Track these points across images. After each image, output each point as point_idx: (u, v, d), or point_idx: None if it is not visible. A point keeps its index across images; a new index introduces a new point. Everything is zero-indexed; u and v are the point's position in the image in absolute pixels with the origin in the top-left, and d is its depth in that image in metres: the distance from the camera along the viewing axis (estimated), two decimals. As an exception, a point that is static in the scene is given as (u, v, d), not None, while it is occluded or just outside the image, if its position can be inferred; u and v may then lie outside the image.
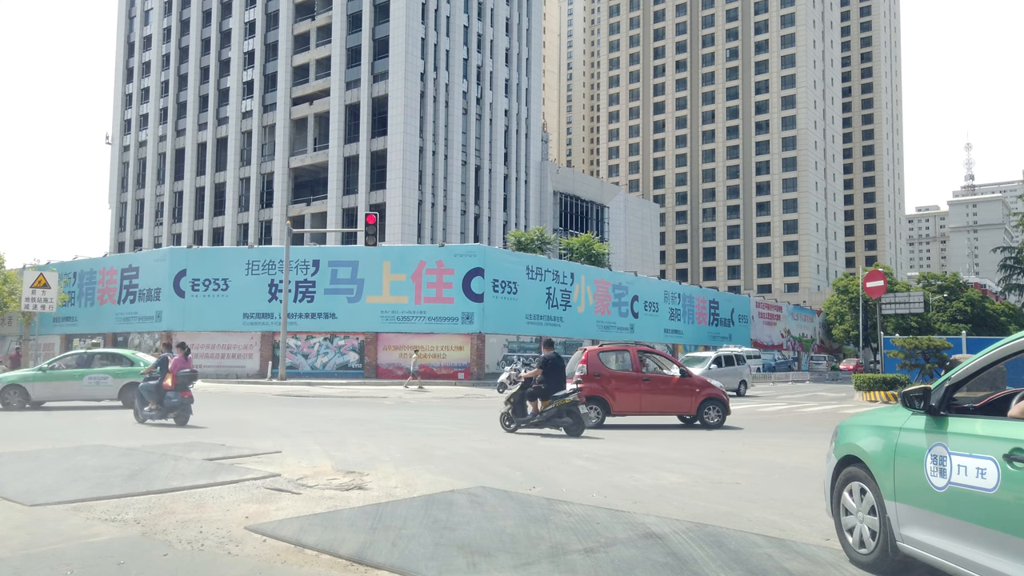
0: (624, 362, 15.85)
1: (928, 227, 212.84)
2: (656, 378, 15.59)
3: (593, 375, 15.20)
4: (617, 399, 15.08)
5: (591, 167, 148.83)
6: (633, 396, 15.15)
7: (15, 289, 38.61)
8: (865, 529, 4.64)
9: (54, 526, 5.70)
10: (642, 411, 15.35)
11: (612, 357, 15.97)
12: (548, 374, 12.99)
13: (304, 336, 35.70)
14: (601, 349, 16.08)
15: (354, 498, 6.88)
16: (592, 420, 14.74)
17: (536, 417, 12.95)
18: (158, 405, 14.01)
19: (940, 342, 26.43)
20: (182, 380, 14.04)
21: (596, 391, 15.05)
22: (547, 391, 12.91)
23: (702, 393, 15.42)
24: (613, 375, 15.38)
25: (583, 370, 15.32)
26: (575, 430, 12.72)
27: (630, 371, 15.51)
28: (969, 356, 5.02)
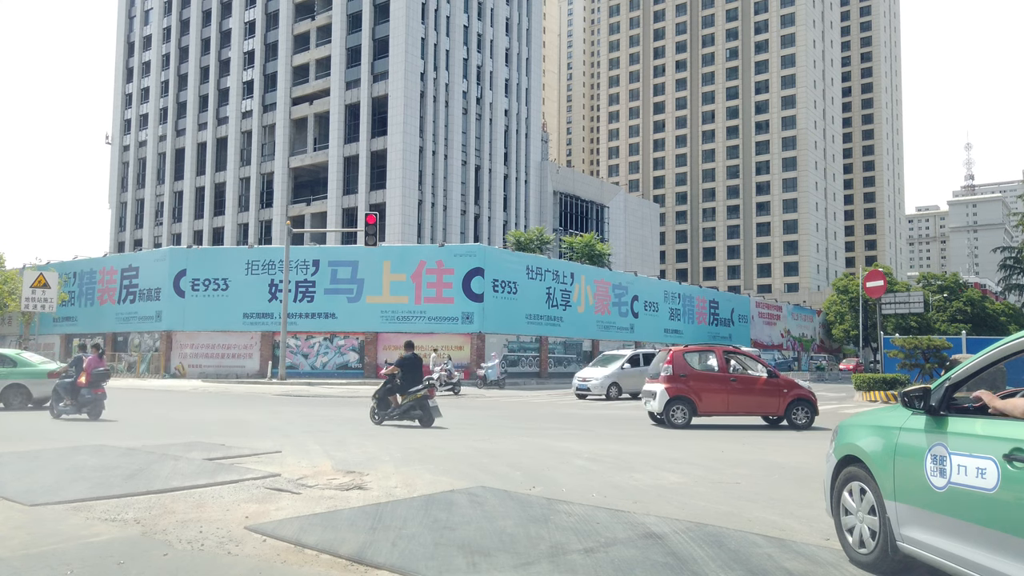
0: (710, 362, 15.83)
1: (928, 227, 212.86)
2: (743, 378, 15.49)
3: (679, 375, 15.17)
4: (704, 399, 15.04)
5: (591, 167, 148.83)
6: (720, 396, 15.11)
7: (15, 289, 38.62)
8: (865, 529, 4.64)
9: (54, 526, 5.70)
10: (729, 412, 15.29)
11: (697, 357, 15.93)
12: (405, 372, 14.25)
13: (304, 336, 35.70)
14: (686, 349, 16.02)
15: (354, 498, 6.88)
16: (678, 420, 14.85)
17: (396, 411, 14.14)
18: (72, 401, 14.95)
19: (940, 342, 26.43)
20: (95, 378, 14.92)
21: (682, 391, 15.03)
22: (404, 387, 14.19)
23: (790, 394, 15.27)
24: (699, 375, 15.34)
25: (668, 370, 15.27)
26: (426, 421, 13.97)
27: (716, 371, 15.48)
28: (969, 356, 5.02)
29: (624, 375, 25.97)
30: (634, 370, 26.10)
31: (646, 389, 16.23)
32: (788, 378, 15.99)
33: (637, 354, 26.82)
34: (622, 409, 21.51)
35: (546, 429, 14.35)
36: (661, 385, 15.31)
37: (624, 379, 25.97)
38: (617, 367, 26.06)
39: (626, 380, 25.91)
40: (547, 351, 39.49)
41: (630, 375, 25.94)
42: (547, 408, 21.19)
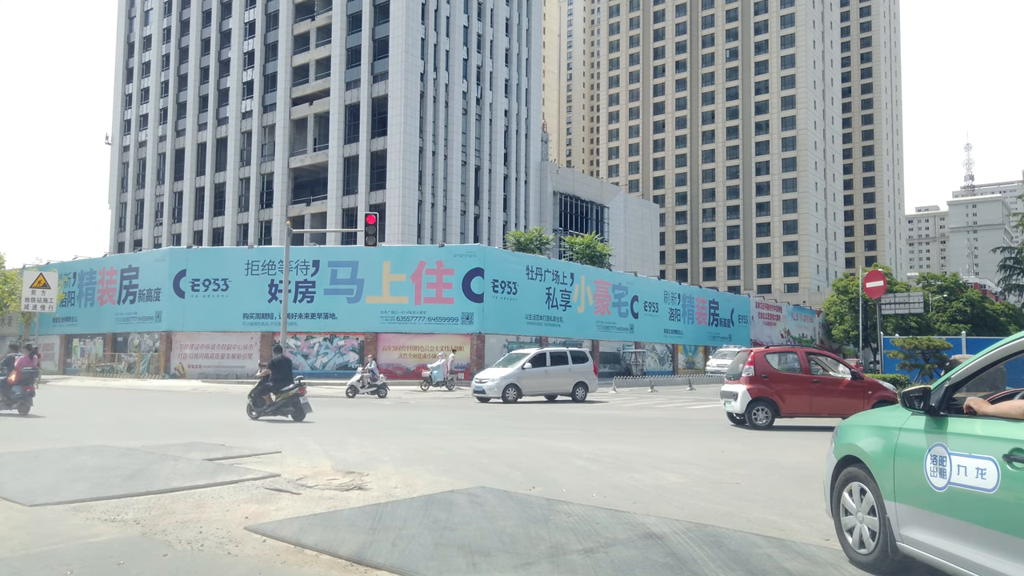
0: (792, 363, 15.71)
1: (928, 227, 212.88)
2: (826, 379, 15.37)
3: (760, 376, 15.06)
4: (786, 400, 14.92)
5: (591, 167, 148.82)
6: (803, 397, 14.99)
7: (15, 289, 38.62)
8: (865, 529, 4.64)
9: (54, 526, 5.70)
10: (812, 413, 15.17)
11: (779, 358, 15.79)
12: (276, 373, 15.54)
13: (304, 336, 35.69)
14: (768, 350, 15.91)
15: (354, 498, 6.88)
16: (760, 421, 14.79)
17: (270, 408, 15.39)
18: (4, 397, 16.10)
19: (940, 342, 26.40)
20: (24, 376, 15.99)
21: (764, 392, 14.91)
22: (276, 387, 15.44)
23: (874, 395, 15.18)
24: (782, 376, 15.24)
25: (750, 371, 15.15)
26: (298, 416, 15.30)
27: (799, 372, 15.36)
28: (969, 356, 5.02)
29: (525, 376, 23.45)
30: (537, 370, 23.70)
31: (726, 390, 15.93)
32: (872, 379, 15.93)
33: (543, 353, 24.49)
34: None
35: (545, 429, 14.34)
36: (743, 386, 15.12)
37: (525, 380, 23.44)
38: (517, 367, 23.57)
39: (527, 381, 23.49)
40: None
41: (532, 376, 23.57)
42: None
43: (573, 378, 24.12)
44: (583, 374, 24.35)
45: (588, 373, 24.58)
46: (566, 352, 24.76)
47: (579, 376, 24.21)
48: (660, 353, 48.71)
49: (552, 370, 23.80)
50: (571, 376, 24.12)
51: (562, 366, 24.09)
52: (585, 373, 24.45)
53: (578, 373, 24.23)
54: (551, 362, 23.93)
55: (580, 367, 24.41)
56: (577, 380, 24.12)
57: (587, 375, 24.51)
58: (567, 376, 24.08)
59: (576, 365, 24.35)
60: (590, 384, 24.55)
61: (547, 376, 23.68)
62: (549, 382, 23.77)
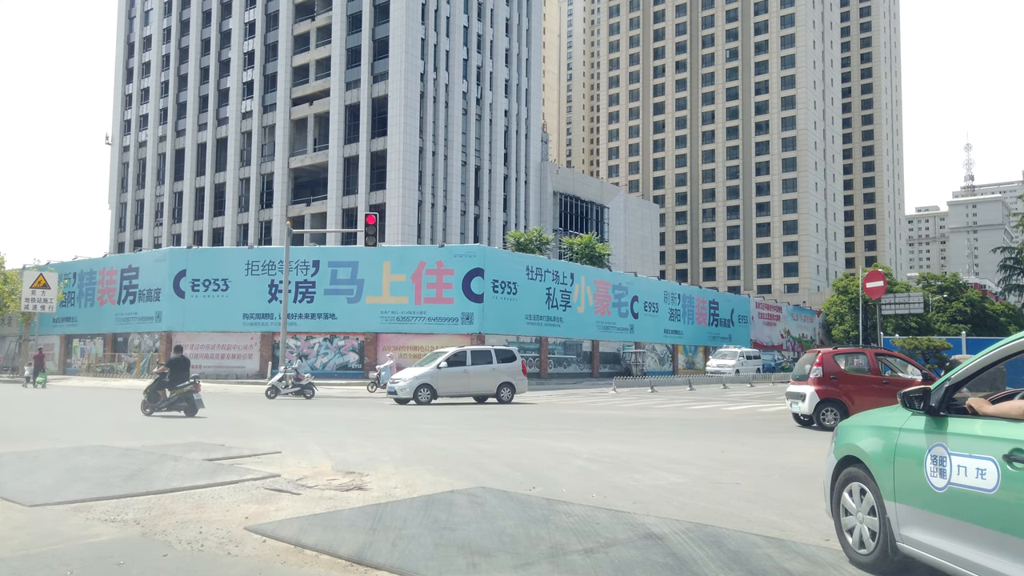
0: (861, 364, 15.50)
1: (928, 227, 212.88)
2: (896, 381, 15.14)
3: (829, 377, 14.84)
4: (856, 402, 14.72)
5: (591, 167, 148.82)
6: (872, 399, 14.65)
7: (15, 289, 38.63)
8: (865, 529, 4.64)
9: (54, 526, 5.70)
10: None
11: (847, 359, 15.58)
12: (173, 371, 16.41)
13: (304, 336, 35.70)
14: (836, 351, 15.72)
15: (354, 499, 6.88)
16: (829, 423, 14.69)
17: (164, 403, 16.21)
18: None
19: (940, 342, 26.42)
20: None
21: (832, 394, 14.73)
22: (172, 383, 16.27)
23: None
24: (851, 377, 15.05)
25: (818, 372, 14.95)
26: (191, 411, 16.12)
27: (868, 373, 15.14)
28: (969, 357, 5.02)
29: (441, 375, 22.10)
30: (455, 370, 22.35)
31: (792, 391, 15.70)
32: None
33: (462, 351, 23.10)
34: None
35: (546, 430, 14.34)
36: (811, 387, 14.91)
37: (441, 380, 22.09)
38: (433, 366, 22.32)
39: (444, 381, 22.15)
40: (547, 352, 39.50)
41: (449, 375, 22.22)
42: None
43: (498, 378, 22.87)
44: (510, 374, 23.17)
45: (516, 373, 23.43)
46: (490, 350, 23.54)
47: (505, 376, 22.99)
48: (660, 353, 48.72)
49: (473, 369, 22.56)
50: (496, 376, 22.86)
51: (485, 365, 22.82)
52: (512, 373, 23.28)
53: (504, 373, 23.01)
54: (472, 361, 22.68)
55: (506, 367, 23.19)
56: (503, 380, 22.89)
57: (514, 375, 23.35)
58: (491, 376, 22.82)
59: (502, 364, 23.14)
60: (518, 385, 23.38)
61: (467, 376, 22.44)
62: (470, 382, 22.54)
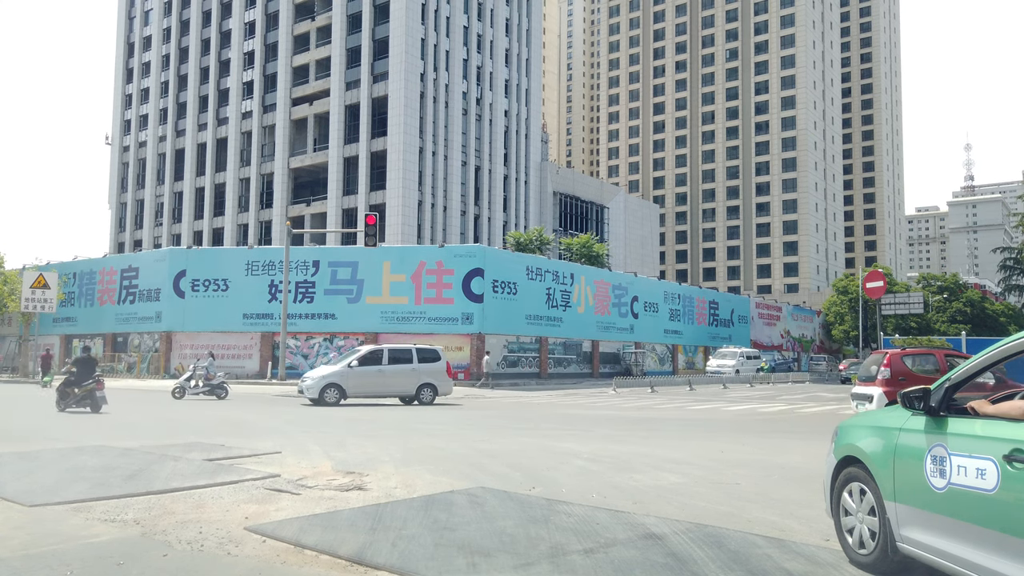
0: (930, 365, 15.24)
1: (928, 227, 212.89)
2: None
3: (897, 379, 14.61)
4: None
5: (591, 167, 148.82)
6: None
7: (15, 289, 38.62)
8: (865, 529, 4.64)
9: (54, 526, 5.70)
10: None
11: (916, 360, 15.29)
12: (80, 370, 17.32)
13: (304, 336, 35.70)
14: (904, 352, 15.48)
15: (354, 499, 6.88)
16: None
17: (73, 400, 17.00)
18: None
19: (940, 343, 26.45)
20: None
21: None
22: (78, 381, 17.11)
23: None
24: (919, 379, 14.75)
25: (886, 374, 14.75)
26: (95, 407, 16.89)
27: (936, 375, 14.87)
28: (969, 356, 5.02)
29: (352, 375, 21.11)
30: (367, 369, 21.35)
31: (858, 392, 15.41)
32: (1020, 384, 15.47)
33: (378, 349, 22.04)
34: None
35: (546, 430, 14.34)
36: (878, 389, 14.70)
37: (351, 380, 21.12)
38: (343, 365, 21.47)
39: (355, 381, 21.19)
40: (547, 352, 39.50)
41: (361, 375, 21.23)
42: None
43: (417, 379, 21.79)
44: (431, 374, 22.10)
45: (438, 373, 22.34)
46: (411, 349, 22.43)
47: (426, 377, 21.93)
48: (660, 353, 48.73)
49: (389, 369, 21.56)
50: (415, 376, 21.79)
51: (403, 365, 21.78)
52: (434, 373, 22.19)
53: (425, 373, 21.96)
54: (389, 360, 21.67)
55: (428, 367, 22.14)
56: (423, 381, 21.84)
57: (436, 375, 22.25)
58: (410, 376, 21.75)
59: (423, 364, 22.07)
60: (440, 386, 22.26)
61: (382, 376, 21.42)
62: (385, 382, 21.52)
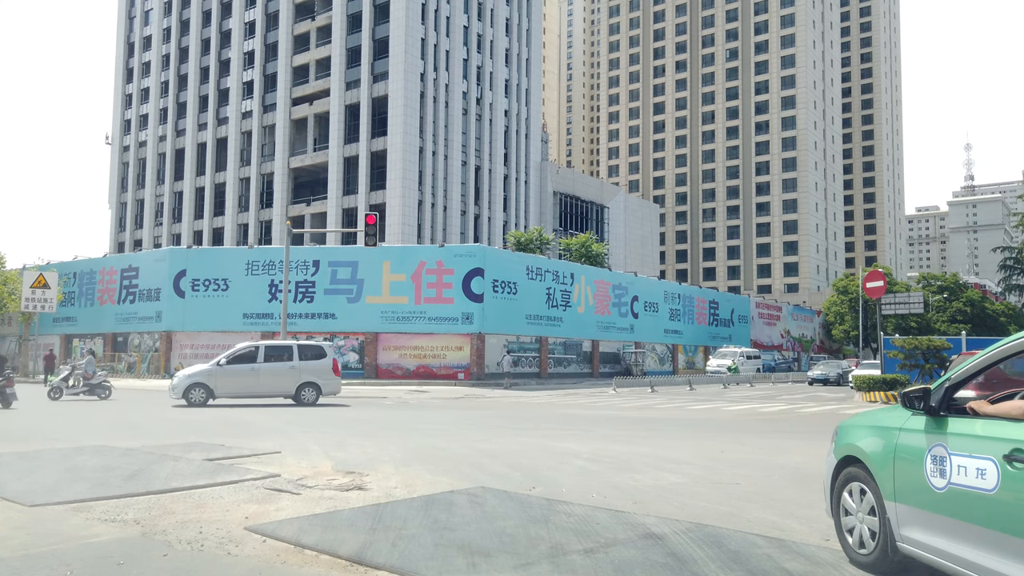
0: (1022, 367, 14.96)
1: (928, 227, 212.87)
2: None
3: (991, 381, 14.31)
4: None
5: (591, 167, 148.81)
6: None
7: (15, 289, 38.62)
8: (865, 529, 4.64)
9: (54, 526, 5.70)
10: None
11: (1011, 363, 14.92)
12: None
13: (304, 336, 35.66)
14: None
15: (354, 498, 6.88)
16: None
17: None
18: None
19: (940, 342, 26.41)
20: None
21: None
22: None
23: None
24: (1015, 383, 14.52)
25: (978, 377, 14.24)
26: (6, 404, 17.80)
27: None
28: (969, 356, 5.02)
29: (220, 374, 19.73)
30: (240, 368, 19.97)
31: None
32: None
33: (253, 347, 20.47)
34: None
35: (546, 430, 14.33)
36: (971, 392, 14.21)
37: (221, 379, 19.73)
38: (213, 363, 20.13)
39: (223, 380, 19.77)
40: (547, 351, 39.49)
41: (232, 374, 19.84)
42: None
43: (298, 377, 20.28)
44: (315, 372, 20.51)
45: (323, 371, 20.71)
46: (292, 346, 20.97)
47: (308, 375, 20.39)
48: (660, 353, 48.72)
49: (265, 367, 20.07)
50: (295, 375, 20.27)
51: (281, 363, 20.34)
52: (318, 371, 20.59)
53: (307, 371, 20.40)
54: (265, 357, 20.15)
55: (310, 364, 20.54)
56: (305, 380, 20.33)
57: (320, 373, 20.64)
58: (289, 375, 20.26)
59: (305, 362, 20.49)
60: (325, 385, 20.68)
61: (256, 375, 19.93)
62: (260, 382, 20.01)
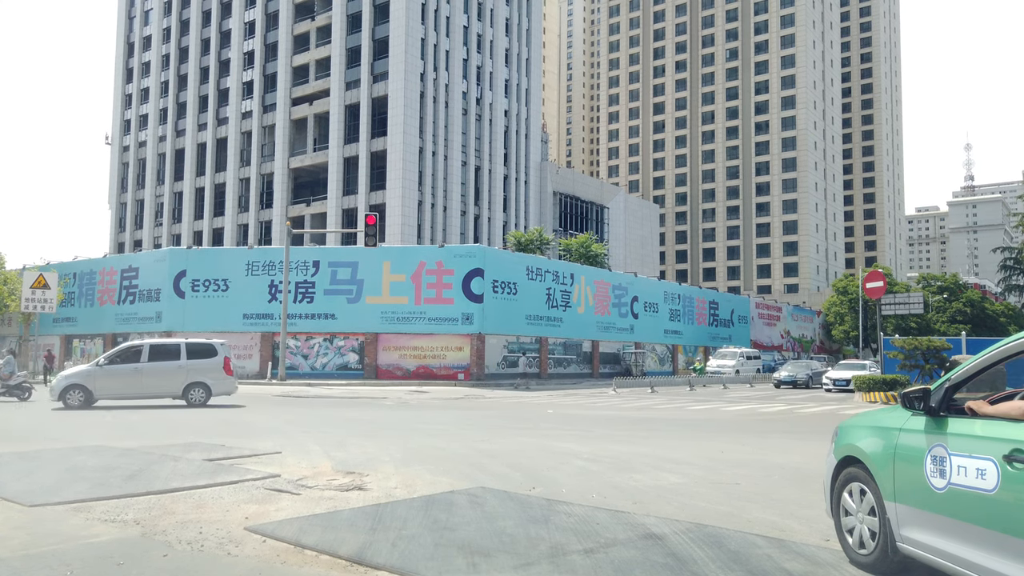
0: None
1: (928, 228, 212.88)
2: None
3: None
4: None
5: (591, 167, 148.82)
6: None
7: (15, 289, 38.61)
8: (865, 530, 4.64)
9: (54, 526, 5.70)
10: None
11: None
12: None
13: (304, 337, 35.68)
14: None
15: (354, 499, 6.88)
16: None
17: None
18: None
19: (940, 343, 26.39)
20: None
21: None
22: None
23: None
24: None
25: None
26: None
27: None
28: (969, 357, 5.03)
29: (99, 375, 18.74)
30: (121, 368, 19.00)
31: None
32: None
33: (135, 346, 19.49)
34: None
35: (546, 430, 14.34)
36: None
37: (99, 380, 18.72)
38: (92, 364, 19.24)
39: (102, 382, 18.77)
40: (547, 352, 39.49)
41: (111, 375, 18.83)
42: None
43: (185, 377, 19.30)
44: (204, 372, 19.54)
45: (213, 371, 19.71)
46: (179, 344, 19.91)
47: (196, 375, 19.41)
48: (660, 353, 48.72)
49: (149, 367, 19.05)
50: (182, 375, 19.29)
51: (167, 362, 19.28)
52: (207, 371, 19.61)
53: (195, 371, 19.42)
54: (150, 357, 19.10)
55: (200, 363, 19.56)
56: (193, 380, 19.35)
57: (210, 373, 19.65)
58: (175, 375, 19.26)
59: (194, 361, 19.51)
60: (215, 385, 19.67)
61: (139, 375, 18.92)
62: (143, 382, 18.96)
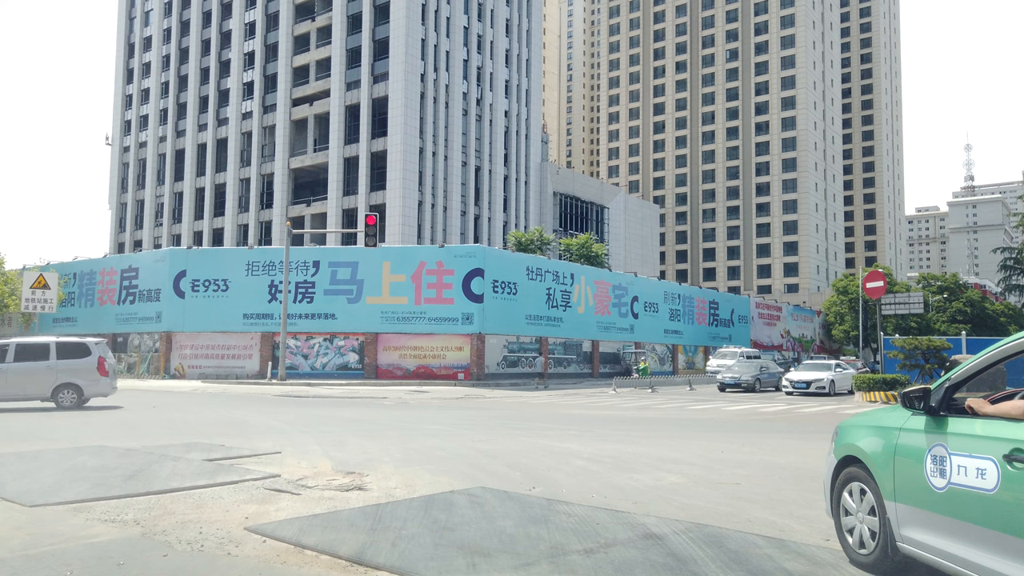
0: None
1: (928, 228, 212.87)
2: None
3: None
4: None
5: (591, 168, 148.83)
6: None
7: (15, 289, 38.62)
8: (865, 529, 4.64)
9: (54, 527, 5.70)
10: None
11: None
12: None
13: (304, 337, 35.68)
14: None
15: (354, 499, 6.88)
16: None
17: None
18: None
19: (940, 342, 26.39)
20: None
21: None
22: None
23: None
24: None
25: None
26: None
27: None
28: (969, 356, 5.02)
29: None
30: None
31: None
32: None
33: (3, 346, 18.11)
34: None
35: (546, 430, 14.34)
36: None
37: None
38: None
39: None
40: (547, 352, 39.48)
41: None
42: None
43: (55, 378, 18.02)
44: (76, 372, 18.24)
45: (85, 371, 18.38)
46: (48, 344, 18.50)
47: (67, 376, 18.14)
48: (660, 353, 48.71)
49: (15, 367, 17.75)
50: (51, 376, 18.00)
51: (35, 362, 17.98)
52: (80, 372, 18.30)
53: (66, 372, 18.14)
54: (16, 357, 17.80)
55: (71, 364, 18.27)
56: (63, 381, 18.08)
57: (82, 374, 18.33)
58: (43, 376, 17.96)
59: (65, 361, 18.22)
60: (87, 386, 18.36)
61: (3, 376, 17.64)
62: (8, 383, 17.70)
